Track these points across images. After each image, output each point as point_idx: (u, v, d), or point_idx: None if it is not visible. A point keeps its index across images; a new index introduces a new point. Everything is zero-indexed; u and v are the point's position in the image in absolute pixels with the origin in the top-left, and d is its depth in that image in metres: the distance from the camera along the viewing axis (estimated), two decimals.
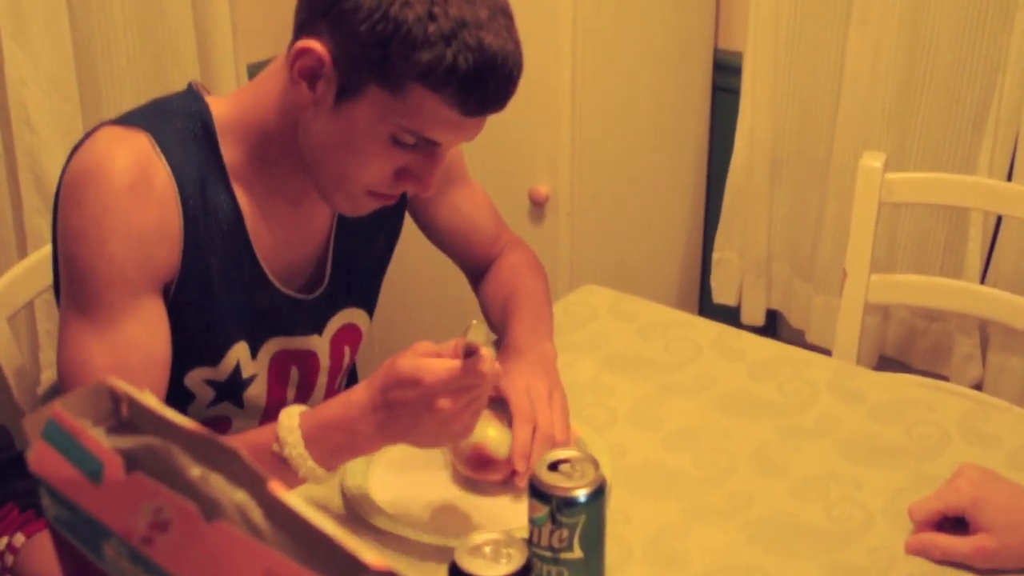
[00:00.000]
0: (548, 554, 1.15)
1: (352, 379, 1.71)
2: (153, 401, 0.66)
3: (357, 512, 1.31)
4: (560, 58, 2.29)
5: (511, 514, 1.33)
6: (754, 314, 2.76)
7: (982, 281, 2.39)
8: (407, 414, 1.20)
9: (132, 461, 0.63)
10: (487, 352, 1.19)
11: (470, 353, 1.18)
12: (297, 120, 1.34)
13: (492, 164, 2.45)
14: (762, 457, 1.44)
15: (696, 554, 1.29)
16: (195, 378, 1.43)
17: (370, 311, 1.61)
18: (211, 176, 1.36)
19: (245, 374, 1.45)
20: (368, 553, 0.55)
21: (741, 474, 1.41)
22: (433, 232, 1.68)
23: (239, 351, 1.44)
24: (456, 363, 1.18)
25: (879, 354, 2.59)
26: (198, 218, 1.34)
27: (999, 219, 2.38)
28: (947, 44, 2.34)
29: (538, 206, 2.40)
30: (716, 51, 2.73)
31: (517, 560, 1.05)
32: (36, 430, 0.65)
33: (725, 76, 2.72)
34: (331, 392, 1.58)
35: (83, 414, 0.67)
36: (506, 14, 1.28)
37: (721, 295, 2.79)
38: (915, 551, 1.27)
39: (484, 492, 1.38)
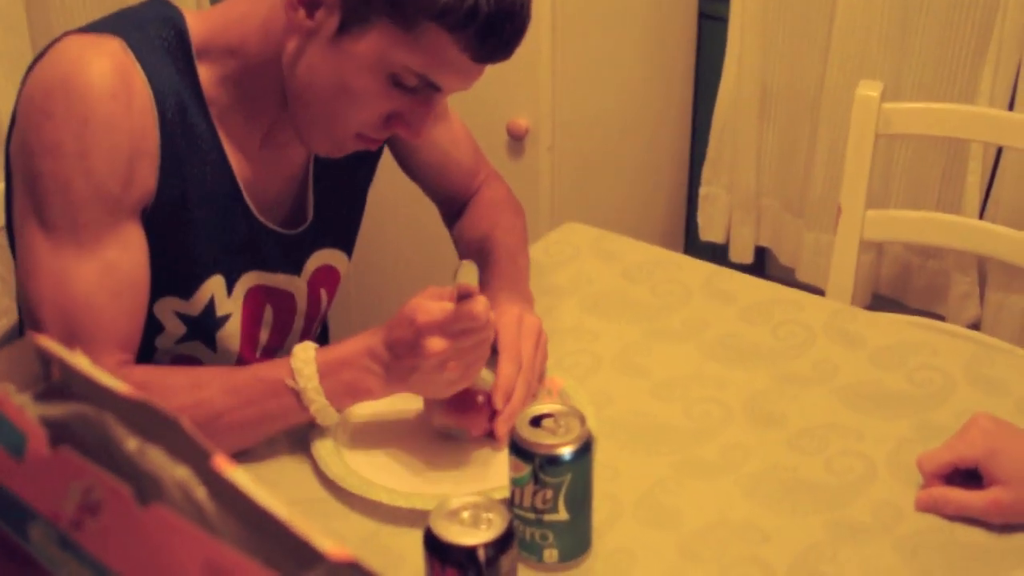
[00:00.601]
0: (531, 516, 1.08)
1: (324, 329, 1.62)
2: (86, 363, 0.60)
3: (325, 474, 1.23)
4: None
5: (491, 473, 1.24)
6: (742, 252, 2.69)
7: (981, 216, 2.31)
8: (405, 355, 1.18)
9: (60, 433, 0.58)
10: (483, 297, 1.15)
11: (464, 296, 1.13)
12: (282, 48, 1.24)
13: (468, 96, 2.32)
14: (757, 407, 1.36)
15: (689, 511, 1.21)
16: (165, 308, 1.34)
17: (349, 252, 1.53)
18: (187, 93, 1.26)
19: (219, 311, 1.37)
20: (325, 540, 0.50)
21: (735, 425, 1.33)
22: (410, 167, 1.59)
23: (214, 285, 1.35)
24: (450, 304, 1.14)
25: (873, 292, 2.51)
26: (175, 135, 1.24)
27: (999, 151, 2.29)
28: None
29: (517, 140, 2.31)
30: None
31: (498, 526, 0.98)
32: None
33: (712, 3, 2.63)
34: (307, 338, 1.50)
35: (5, 378, 0.60)
36: None
37: (708, 232, 2.71)
38: (926, 507, 1.19)
39: (462, 450, 1.29)
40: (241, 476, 0.53)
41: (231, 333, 1.40)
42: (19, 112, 1.24)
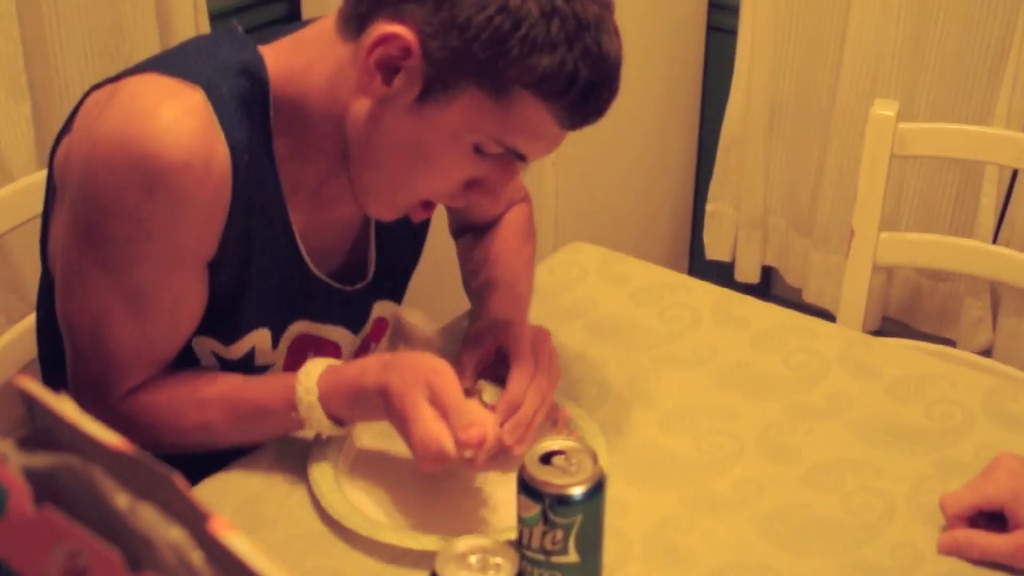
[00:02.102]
0: (540, 557, 1.03)
1: None
2: (72, 410, 0.56)
3: (327, 511, 1.18)
4: None
5: (499, 511, 1.19)
6: (749, 271, 2.65)
7: (994, 240, 2.27)
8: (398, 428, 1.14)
9: (44, 487, 0.55)
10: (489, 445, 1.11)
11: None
12: (348, 108, 1.16)
13: None
14: (770, 440, 1.32)
15: (702, 550, 1.16)
16: (204, 346, 1.27)
17: (398, 300, 1.46)
18: (260, 148, 1.17)
19: (259, 361, 1.30)
20: None
21: (748, 459, 1.29)
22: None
23: (257, 338, 1.28)
24: (450, 447, 1.09)
25: (882, 315, 2.48)
26: (245, 193, 1.16)
27: (1014, 174, 2.25)
28: None
29: None
30: None
31: (507, 570, 0.94)
32: None
33: (721, 15, 2.60)
34: None
35: None
36: (613, 8, 1.14)
37: (714, 250, 2.68)
38: (949, 550, 1.15)
39: (469, 486, 1.24)
40: (239, 541, 0.51)
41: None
42: (78, 136, 1.17)
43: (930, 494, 1.21)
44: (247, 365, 1.29)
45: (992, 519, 1.15)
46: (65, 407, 0.56)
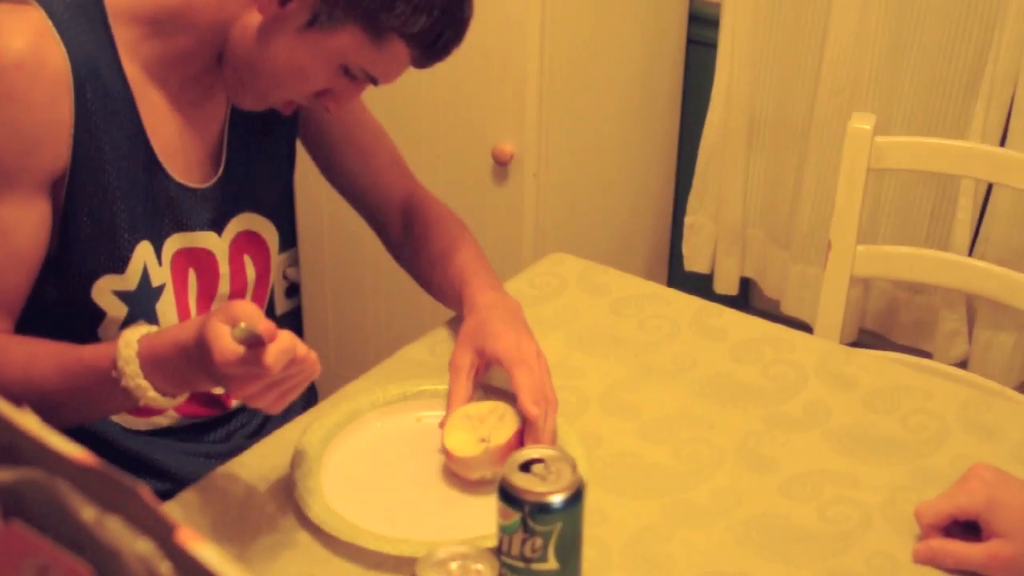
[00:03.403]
0: (520, 564, 1.04)
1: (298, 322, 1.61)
2: (34, 422, 0.55)
3: (308, 517, 1.18)
4: (528, 7, 2.16)
5: (479, 519, 1.19)
6: (727, 283, 2.65)
7: (970, 253, 2.28)
8: (214, 375, 1.12)
9: (10, 502, 0.53)
10: (282, 345, 1.07)
11: (252, 344, 1.07)
12: (236, 18, 1.30)
13: (454, 119, 2.32)
14: (748, 450, 1.33)
15: (681, 558, 1.17)
16: (103, 289, 1.33)
17: (279, 225, 1.50)
18: (102, 54, 1.27)
19: (154, 281, 1.36)
20: None
21: (726, 469, 1.30)
22: (335, 173, 1.61)
23: (144, 252, 1.34)
24: (239, 351, 1.08)
25: (859, 327, 2.49)
26: (90, 104, 1.25)
27: (989, 188, 2.27)
28: None
29: (502, 165, 2.28)
30: (691, 1, 2.60)
31: None
32: None
33: (701, 28, 2.60)
34: None
35: None
36: None
37: (693, 262, 2.68)
38: (924, 559, 1.16)
39: (449, 494, 1.25)
40: (207, 551, 0.50)
41: (167, 306, 1.38)
42: None
43: (906, 504, 1.22)
44: (145, 290, 1.35)
45: (967, 528, 1.16)
46: (28, 420, 0.55)
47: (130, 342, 1.16)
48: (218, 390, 1.42)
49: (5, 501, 0.53)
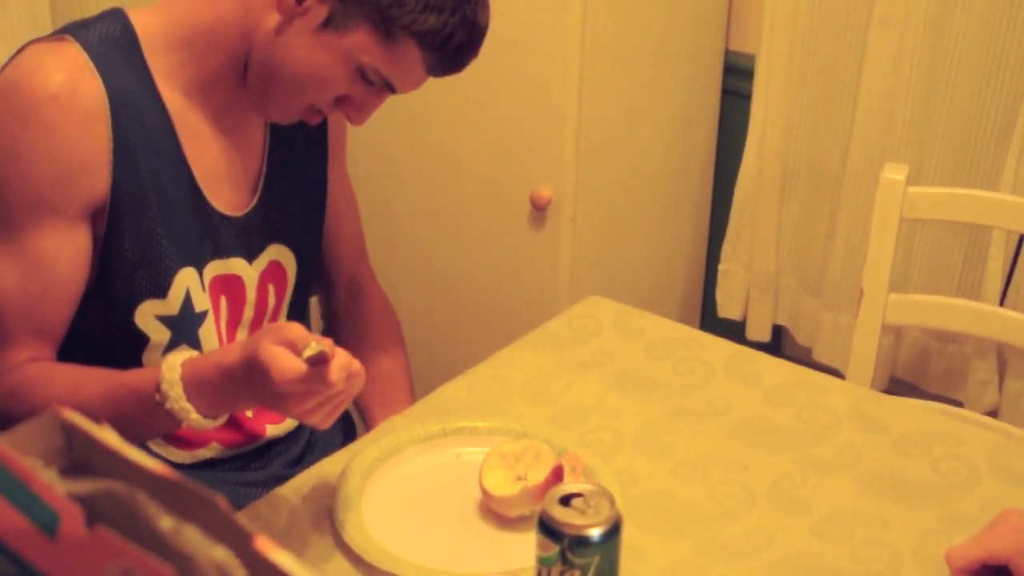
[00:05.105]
0: None
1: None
2: (114, 438, 0.58)
3: (348, 545, 1.21)
4: (568, 56, 2.20)
5: (518, 552, 1.22)
6: (760, 330, 2.67)
7: (1001, 303, 2.30)
8: (267, 395, 1.16)
9: (92, 511, 0.54)
10: (342, 361, 1.13)
11: (317, 362, 1.12)
12: (256, 26, 1.32)
13: (494, 165, 2.36)
14: (781, 491, 1.35)
15: None
16: (146, 314, 1.36)
17: (299, 256, 1.53)
18: (139, 85, 1.31)
19: (197, 307, 1.39)
20: None
21: (759, 509, 1.32)
22: None
23: (187, 278, 1.38)
24: (301, 369, 1.12)
25: (890, 376, 2.50)
26: (128, 134, 1.29)
27: (1021, 238, 2.29)
28: (973, 49, 2.24)
29: (539, 210, 2.31)
30: (727, 52, 2.63)
31: None
32: None
33: (735, 79, 2.63)
34: (255, 331, 1.48)
35: (32, 451, 0.58)
36: None
37: (726, 309, 2.70)
38: None
39: (487, 527, 1.28)
40: (285, 558, 0.52)
41: (210, 331, 1.41)
42: None
43: (936, 547, 1.23)
44: (188, 315, 1.38)
45: (996, 573, 1.18)
46: (108, 435, 0.58)
47: (173, 366, 1.20)
48: (248, 413, 1.47)
49: (85, 510, 0.54)
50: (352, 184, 1.66)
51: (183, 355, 1.22)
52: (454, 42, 1.29)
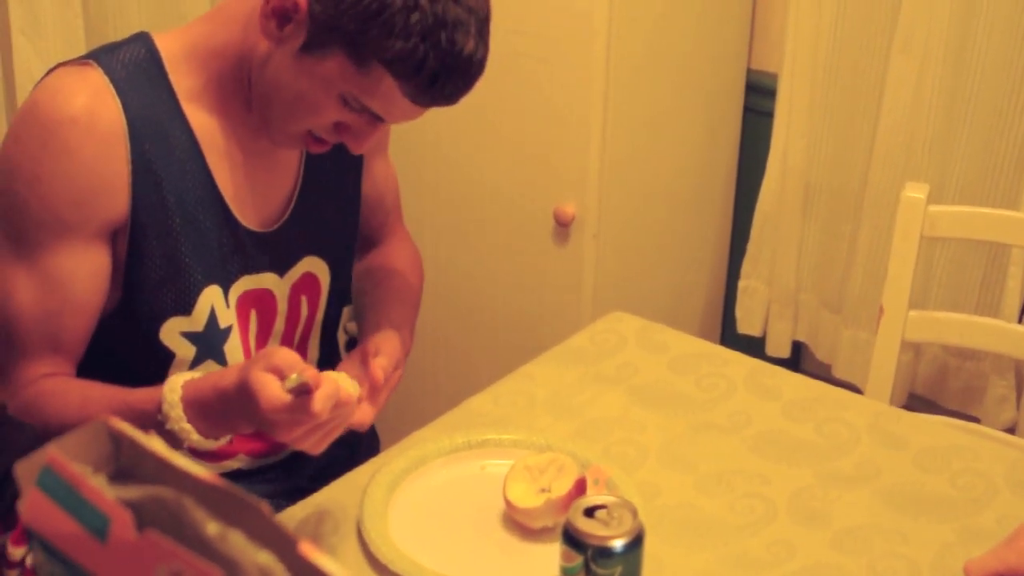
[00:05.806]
0: None
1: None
2: (162, 446, 0.59)
3: (375, 555, 1.24)
4: (592, 73, 2.23)
5: (541, 562, 1.25)
6: (779, 346, 2.69)
7: (1020, 320, 2.31)
8: (259, 421, 1.18)
9: (141, 516, 0.56)
10: (327, 391, 1.15)
11: (300, 392, 1.14)
12: (252, 50, 1.33)
13: (518, 181, 2.38)
14: (801, 504, 1.37)
15: None
16: (171, 331, 1.38)
17: (332, 267, 1.54)
18: (162, 107, 1.33)
19: (222, 323, 1.41)
20: None
21: (780, 522, 1.34)
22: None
23: (212, 296, 1.39)
24: (286, 399, 1.15)
25: (909, 392, 2.51)
26: (149, 155, 1.31)
27: None
28: (993, 70, 2.26)
29: (563, 226, 2.34)
30: (749, 71, 2.66)
31: None
32: (30, 477, 0.58)
33: (758, 98, 2.65)
34: (287, 343, 1.52)
35: (81, 458, 0.60)
36: (485, 19, 1.27)
37: (746, 325, 2.71)
38: None
39: (512, 538, 1.31)
40: (330, 563, 0.53)
41: (235, 346, 1.43)
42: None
43: (954, 560, 1.26)
44: (213, 331, 1.40)
45: None
46: (155, 444, 0.60)
47: (174, 387, 1.23)
48: None
49: (136, 514, 0.56)
50: (391, 163, 1.67)
51: (184, 376, 1.25)
52: (426, 70, 1.22)
